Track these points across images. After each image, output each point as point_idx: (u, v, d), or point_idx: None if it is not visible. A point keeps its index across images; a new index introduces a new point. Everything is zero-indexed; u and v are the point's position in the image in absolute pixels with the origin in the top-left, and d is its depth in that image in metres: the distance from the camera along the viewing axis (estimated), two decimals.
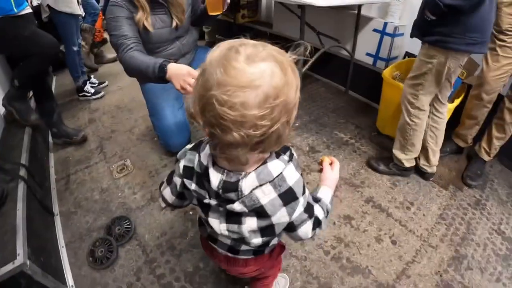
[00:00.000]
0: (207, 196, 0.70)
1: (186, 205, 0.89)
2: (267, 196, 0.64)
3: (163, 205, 0.89)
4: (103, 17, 3.62)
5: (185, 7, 1.77)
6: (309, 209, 0.74)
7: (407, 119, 1.74)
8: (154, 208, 1.74)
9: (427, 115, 1.73)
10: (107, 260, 1.49)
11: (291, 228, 0.74)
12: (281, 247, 1.05)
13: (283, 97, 0.52)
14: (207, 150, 0.67)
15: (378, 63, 2.56)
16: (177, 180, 0.79)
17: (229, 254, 0.88)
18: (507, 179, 1.99)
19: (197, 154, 0.70)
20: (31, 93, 2.30)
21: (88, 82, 2.98)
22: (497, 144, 1.90)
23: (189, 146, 0.76)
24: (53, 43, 1.92)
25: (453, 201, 1.80)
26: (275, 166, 0.64)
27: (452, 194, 1.84)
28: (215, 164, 0.66)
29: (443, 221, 1.68)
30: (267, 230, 0.71)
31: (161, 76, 1.44)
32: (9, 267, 1.10)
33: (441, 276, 1.44)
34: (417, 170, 1.95)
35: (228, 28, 3.97)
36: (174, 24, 1.74)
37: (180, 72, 1.38)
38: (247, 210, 0.65)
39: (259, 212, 0.66)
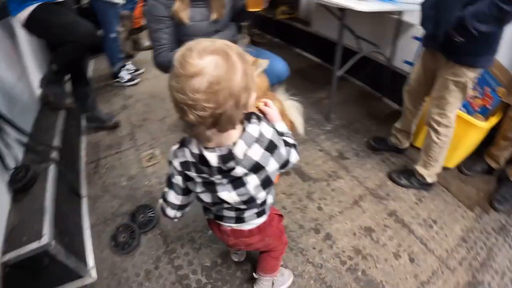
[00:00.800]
0: (209, 176, 0.81)
1: (192, 200, 0.98)
2: (257, 153, 0.78)
3: (172, 213, 0.97)
4: (144, 4, 3.70)
5: (226, 1, 1.79)
6: (287, 143, 0.90)
7: (435, 139, 1.72)
8: None
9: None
10: (128, 246, 1.55)
11: (286, 163, 0.89)
12: (279, 216, 1.21)
13: (225, 83, 0.64)
14: (193, 142, 0.80)
15: None
16: (177, 179, 0.89)
17: (235, 226, 1.02)
18: None
19: (186, 149, 0.81)
20: (67, 76, 2.39)
21: (124, 68, 3.08)
22: None
23: (174, 147, 0.86)
24: (90, 32, 1.95)
25: (477, 224, 1.75)
26: (253, 129, 0.78)
27: (477, 216, 1.79)
28: (206, 148, 0.77)
29: (465, 243, 1.64)
30: (266, 181, 0.85)
31: None
32: (34, 245, 1.18)
33: None
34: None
35: (266, 23, 4.00)
36: (213, 17, 1.76)
37: None
38: (247, 170, 0.79)
39: (257, 167, 0.80)
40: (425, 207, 1.81)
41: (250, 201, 0.88)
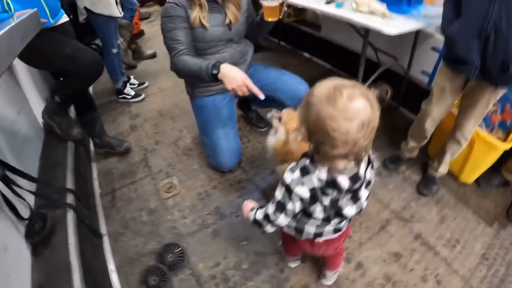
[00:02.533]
0: (338, 196, 0.94)
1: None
2: (370, 172, 0.95)
3: (271, 230, 1.09)
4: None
5: (242, 4, 1.82)
6: None
7: (464, 145, 1.82)
8: (206, 235, 1.73)
9: None
10: None
11: None
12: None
13: (373, 123, 0.78)
14: (318, 170, 0.89)
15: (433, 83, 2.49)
16: (295, 205, 0.96)
17: (333, 237, 1.16)
18: None
19: (312, 176, 0.90)
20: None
21: (128, 83, 2.97)
22: None
23: (295, 175, 0.92)
24: (97, 60, 1.83)
25: (496, 240, 1.77)
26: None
27: (496, 232, 1.81)
28: (338, 174, 0.89)
29: (485, 261, 1.67)
30: (370, 193, 1.02)
31: (213, 74, 1.58)
32: None
33: None
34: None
35: (273, 27, 3.92)
36: (227, 20, 1.76)
37: (235, 77, 1.56)
38: (364, 187, 0.96)
39: (369, 183, 0.98)
40: (447, 227, 1.82)
41: (359, 212, 1.03)
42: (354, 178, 0.89)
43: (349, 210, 0.98)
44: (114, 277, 1.58)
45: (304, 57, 3.77)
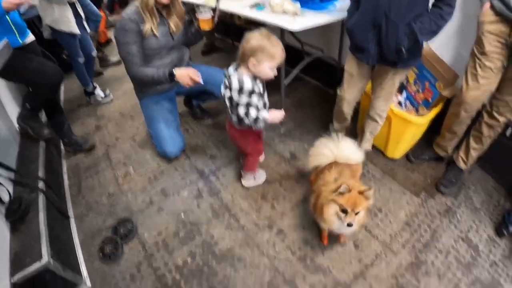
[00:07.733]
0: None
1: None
2: (235, 80, 1.67)
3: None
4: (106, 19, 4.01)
5: (182, 15, 2.23)
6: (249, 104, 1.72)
7: (381, 123, 2.10)
8: (153, 211, 2.20)
9: None
10: (114, 256, 1.95)
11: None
12: (256, 134, 2.02)
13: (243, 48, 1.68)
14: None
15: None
16: None
17: (229, 121, 1.90)
18: (484, 186, 2.15)
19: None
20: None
21: (97, 86, 3.48)
22: (474, 154, 2.06)
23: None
24: (57, 73, 2.31)
25: (422, 209, 1.99)
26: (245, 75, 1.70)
27: (422, 201, 2.04)
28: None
29: (409, 227, 1.88)
30: (231, 100, 1.73)
31: (172, 79, 2.12)
32: (36, 265, 1.51)
33: (397, 279, 1.67)
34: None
35: (225, 29, 4.39)
36: (171, 29, 2.18)
37: (185, 74, 2.11)
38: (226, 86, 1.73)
39: (228, 85, 1.70)
40: None
41: (230, 103, 1.75)
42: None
43: (224, 92, 1.77)
44: (78, 248, 2.04)
45: None
